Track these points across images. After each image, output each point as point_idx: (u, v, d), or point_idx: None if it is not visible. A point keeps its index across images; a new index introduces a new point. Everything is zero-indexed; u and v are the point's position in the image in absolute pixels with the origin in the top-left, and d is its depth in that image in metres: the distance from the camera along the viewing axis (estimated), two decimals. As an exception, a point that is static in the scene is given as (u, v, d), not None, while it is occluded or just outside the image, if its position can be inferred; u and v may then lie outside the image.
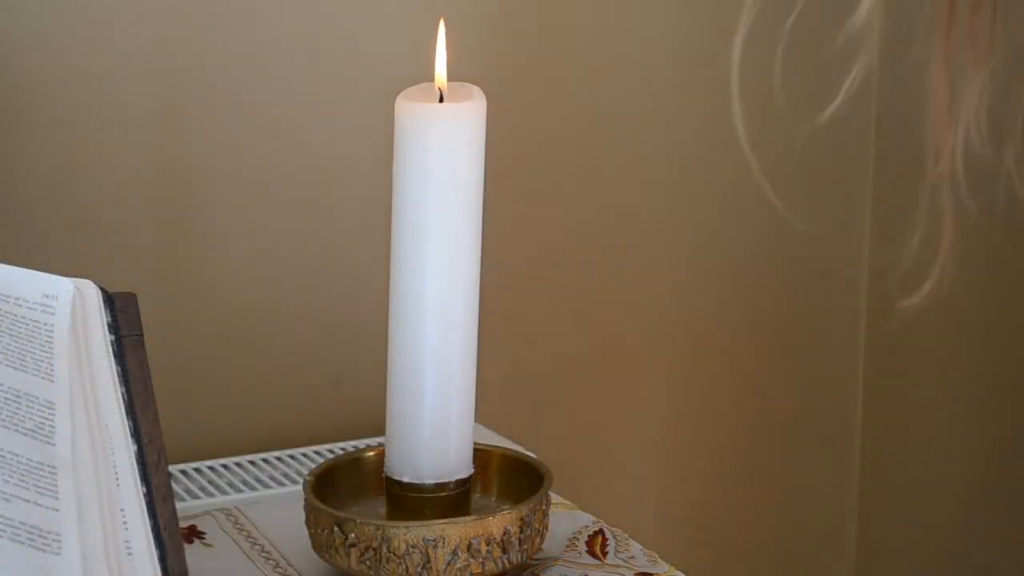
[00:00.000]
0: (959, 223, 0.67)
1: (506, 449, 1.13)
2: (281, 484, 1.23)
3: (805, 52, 0.80)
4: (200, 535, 1.11)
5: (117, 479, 0.85)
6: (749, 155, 0.67)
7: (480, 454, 1.07)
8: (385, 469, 1.06)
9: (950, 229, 0.67)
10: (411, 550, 0.99)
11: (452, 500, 1.04)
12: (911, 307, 0.69)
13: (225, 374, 1.31)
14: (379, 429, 1.08)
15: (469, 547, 1.00)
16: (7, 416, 0.85)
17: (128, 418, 0.86)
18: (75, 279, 0.86)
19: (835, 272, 1.56)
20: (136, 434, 0.86)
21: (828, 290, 1.56)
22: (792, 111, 0.77)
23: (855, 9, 0.62)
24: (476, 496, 1.08)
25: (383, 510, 1.06)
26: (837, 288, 1.57)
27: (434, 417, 1.03)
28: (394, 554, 0.99)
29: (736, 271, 1.52)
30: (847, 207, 1.55)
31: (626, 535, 1.11)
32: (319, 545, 1.03)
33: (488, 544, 1.00)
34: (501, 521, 1.01)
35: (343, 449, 1.27)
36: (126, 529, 0.85)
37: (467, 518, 1.01)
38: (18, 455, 0.84)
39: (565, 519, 1.13)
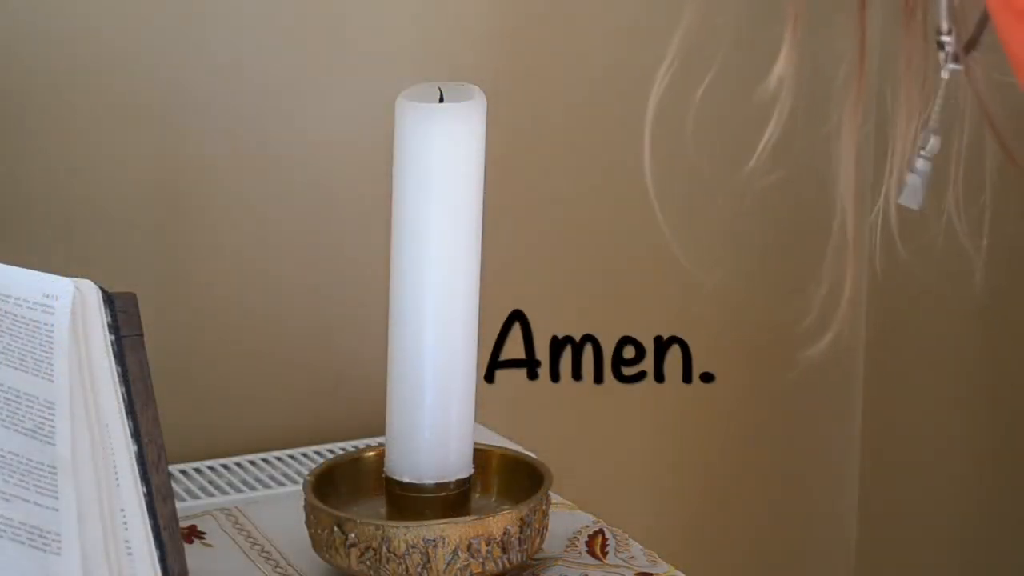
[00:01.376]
0: (885, 269, 0.68)
1: (506, 449, 1.13)
2: (281, 484, 1.23)
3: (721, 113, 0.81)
4: (200, 535, 1.11)
5: (117, 479, 0.85)
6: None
7: (480, 454, 1.07)
8: (385, 469, 1.06)
9: (856, 278, 0.69)
10: (411, 550, 0.99)
11: (452, 500, 1.04)
12: (810, 358, 0.71)
13: (225, 374, 1.31)
14: (379, 429, 1.08)
15: (469, 547, 0.99)
16: (7, 416, 0.85)
17: (128, 418, 0.86)
18: (75, 279, 0.86)
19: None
20: (136, 434, 0.86)
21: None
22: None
23: (767, 75, 0.64)
24: (476, 496, 1.08)
25: (383, 510, 1.06)
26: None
27: (434, 417, 1.03)
28: (394, 554, 0.99)
29: (737, 272, 1.51)
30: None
31: (626, 535, 1.11)
32: (319, 545, 1.03)
33: (488, 544, 1.00)
34: (501, 521, 1.01)
35: (343, 449, 1.27)
36: (126, 529, 0.85)
37: (467, 518, 1.01)
38: (18, 455, 0.84)
39: (565, 519, 1.13)
